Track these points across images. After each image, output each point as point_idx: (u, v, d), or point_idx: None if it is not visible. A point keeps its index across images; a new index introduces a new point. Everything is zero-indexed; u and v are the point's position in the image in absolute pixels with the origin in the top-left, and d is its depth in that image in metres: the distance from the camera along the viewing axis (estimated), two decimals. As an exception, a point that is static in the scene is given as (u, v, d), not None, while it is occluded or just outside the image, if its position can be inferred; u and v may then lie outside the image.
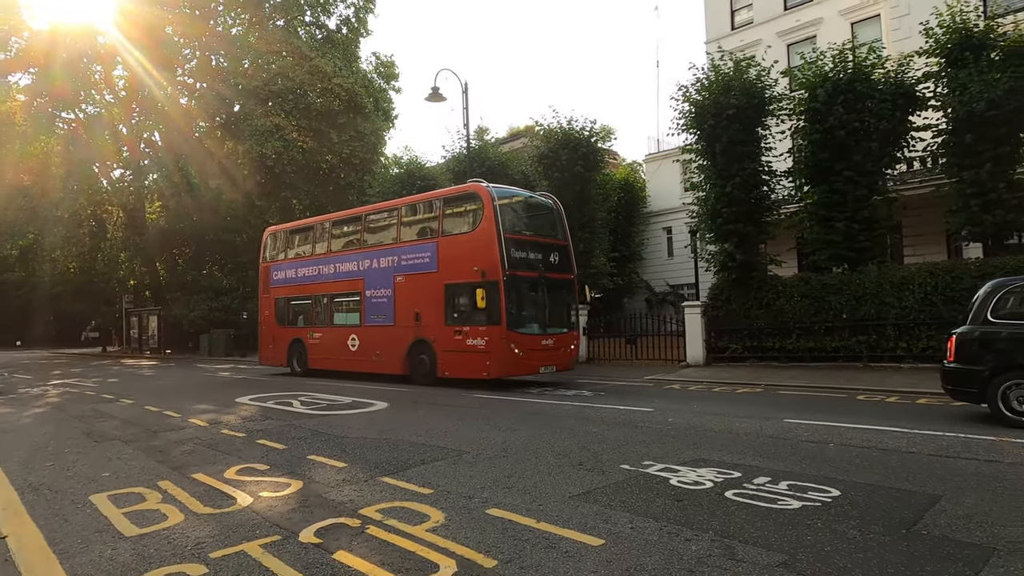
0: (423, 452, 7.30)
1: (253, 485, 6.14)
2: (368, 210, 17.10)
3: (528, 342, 13.19)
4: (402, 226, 15.32)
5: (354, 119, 32.82)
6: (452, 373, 13.58)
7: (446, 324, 13.67)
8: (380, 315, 15.25)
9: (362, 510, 5.20)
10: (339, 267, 16.53)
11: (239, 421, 10.06)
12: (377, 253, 15.52)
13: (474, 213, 13.63)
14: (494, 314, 12.71)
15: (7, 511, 5.71)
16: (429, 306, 14.04)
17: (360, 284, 15.75)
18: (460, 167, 21.42)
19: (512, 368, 13.03)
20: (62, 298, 44.82)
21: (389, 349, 14.95)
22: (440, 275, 13.81)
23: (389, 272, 14.96)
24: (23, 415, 12.10)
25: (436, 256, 14.00)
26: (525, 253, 13.48)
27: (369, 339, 15.55)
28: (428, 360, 14.11)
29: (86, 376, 20.98)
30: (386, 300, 15.03)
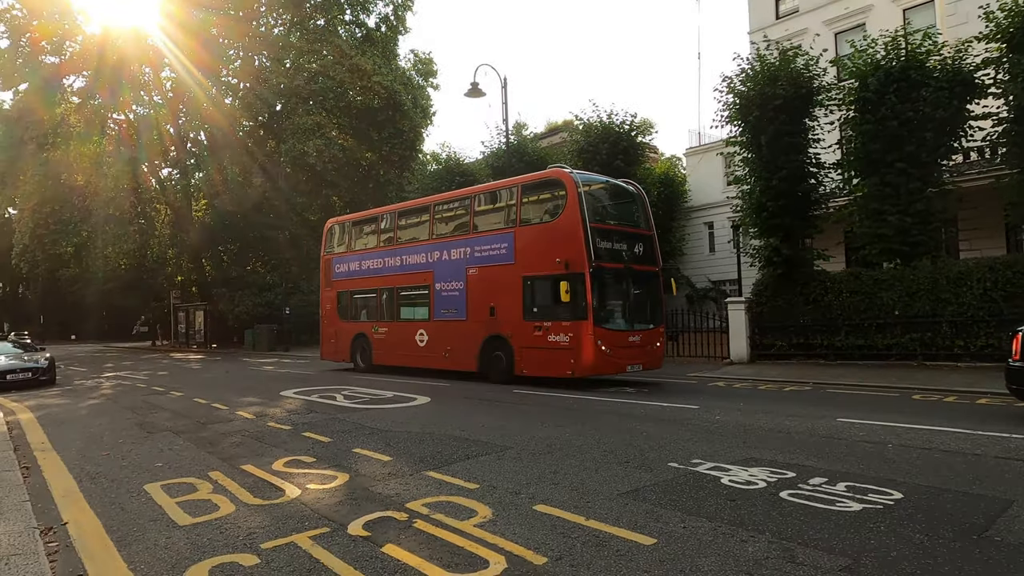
0: (467, 447, 7.28)
1: (301, 477, 6.20)
2: (438, 199, 16.29)
3: (615, 339, 12.36)
4: (475, 215, 14.60)
5: (393, 117, 33.11)
6: (531, 371, 12.85)
7: (524, 319, 12.94)
8: (451, 309, 14.59)
9: (409, 504, 5.19)
10: (406, 259, 15.90)
11: (284, 414, 10.21)
12: (448, 244, 14.84)
13: (556, 201, 12.92)
14: (579, 309, 11.94)
15: (67, 499, 5.88)
16: (505, 300, 13.31)
17: (429, 277, 15.11)
18: (499, 162, 21.40)
19: (599, 366, 12.22)
20: (113, 294, 46.37)
21: (461, 345, 14.30)
22: (517, 267, 13.11)
23: (461, 264, 14.29)
24: (79, 406, 12.52)
25: (513, 247, 13.26)
26: (610, 243, 12.71)
27: (439, 335, 14.91)
28: (504, 357, 13.40)
29: (137, 369, 21.63)
30: (457, 294, 14.40)
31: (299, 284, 32.43)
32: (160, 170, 38.20)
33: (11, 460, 7.13)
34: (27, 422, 10.56)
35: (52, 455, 7.83)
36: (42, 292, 57.43)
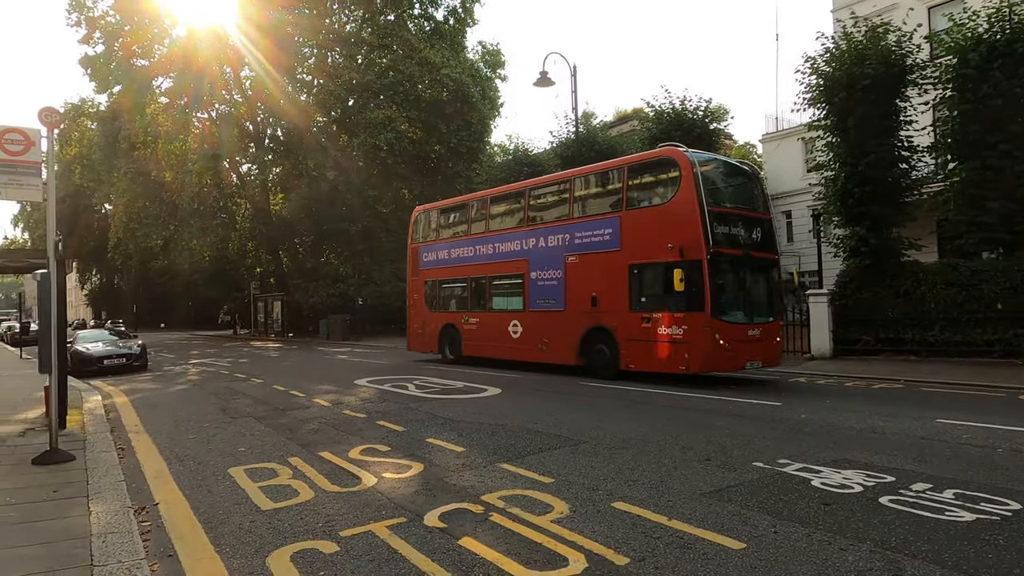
0: (540, 440, 7.18)
1: (376, 466, 6.25)
2: (533, 184, 15.47)
3: (734, 332, 11.39)
4: (575, 200, 13.73)
5: (461, 109, 33.30)
6: (639, 366, 12.03)
7: (631, 310, 12.06)
8: (548, 299, 13.87)
9: (484, 496, 5.13)
10: (499, 247, 15.19)
11: (359, 402, 10.40)
12: (544, 231, 14.08)
13: (668, 182, 12.04)
14: (695, 299, 11.03)
15: (158, 479, 6.13)
16: (609, 289, 12.50)
17: (524, 265, 14.38)
18: (568, 152, 21.14)
19: (716, 362, 11.35)
20: (198, 284, 48.86)
21: (559, 337, 13.56)
22: (623, 254, 12.24)
23: (559, 252, 13.54)
24: (168, 391, 13.18)
25: (619, 232, 12.39)
26: (728, 228, 11.72)
27: (534, 326, 14.21)
28: (608, 350, 12.59)
29: (220, 356, 22.64)
30: (555, 283, 13.66)
31: (371, 275, 33.17)
32: (240, 166, 39.81)
33: (108, 441, 7.52)
34: (122, 405, 11.19)
35: (144, 437, 8.23)
36: (134, 283, 61.17)
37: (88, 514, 4.78)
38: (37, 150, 6.66)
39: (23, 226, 69.17)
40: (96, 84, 36.32)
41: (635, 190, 12.82)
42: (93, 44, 35.61)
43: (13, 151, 6.53)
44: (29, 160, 6.60)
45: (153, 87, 36.21)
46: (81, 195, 52.49)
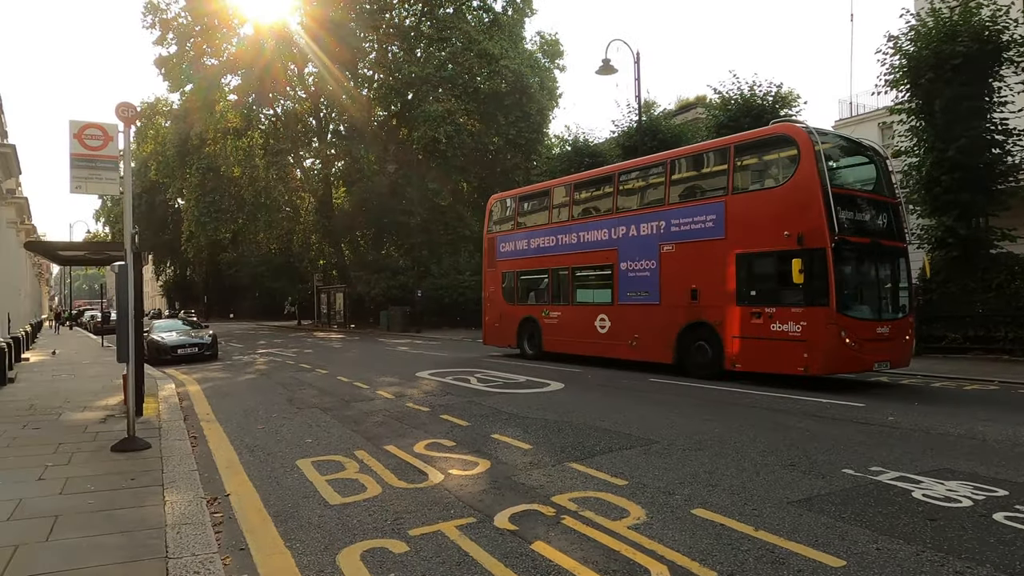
0: (609, 439, 6.93)
1: (442, 462, 6.14)
2: (623, 168, 14.38)
3: (862, 329, 10.28)
4: (671, 184, 12.73)
5: (520, 100, 33.11)
6: (747, 366, 11.08)
7: (738, 304, 11.13)
8: (640, 292, 12.97)
9: (555, 498, 4.94)
10: (584, 236, 14.36)
11: (422, 395, 10.37)
12: (636, 218, 13.15)
13: (784, 162, 11.12)
14: (818, 292, 10.02)
15: (229, 470, 6.19)
16: (711, 281, 11.62)
17: (612, 255, 13.50)
18: (630, 142, 20.64)
19: (841, 362, 10.27)
20: (265, 276, 50.48)
21: (652, 333, 12.68)
22: (729, 242, 11.28)
23: (653, 240, 12.63)
24: (237, 380, 13.52)
25: (723, 219, 11.39)
26: (853, 213, 10.65)
27: (624, 320, 13.30)
28: (709, 348, 11.68)
29: (285, 347, 23.23)
30: (648, 274, 12.75)
31: (429, 268, 33.44)
32: (304, 161, 40.77)
33: (182, 430, 7.69)
34: (194, 394, 11.51)
35: (215, 426, 8.39)
36: (205, 274, 63.73)
37: (163, 504, 4.82)
38: (115, 145, 6.81)
39: (104, 220, 72.88)
40: (169, 84, 37.77)
41: (743, 171, 11.77)
42: (167, 45, 37.06)
43: (93, 146, 6.70)
44: (107, 155, 6.77)
45: (222, 85, 37.41)
46: (156, 191, 54.95)
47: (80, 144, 6.62)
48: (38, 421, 8.24)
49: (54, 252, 10.10)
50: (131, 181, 6.88)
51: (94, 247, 10.76)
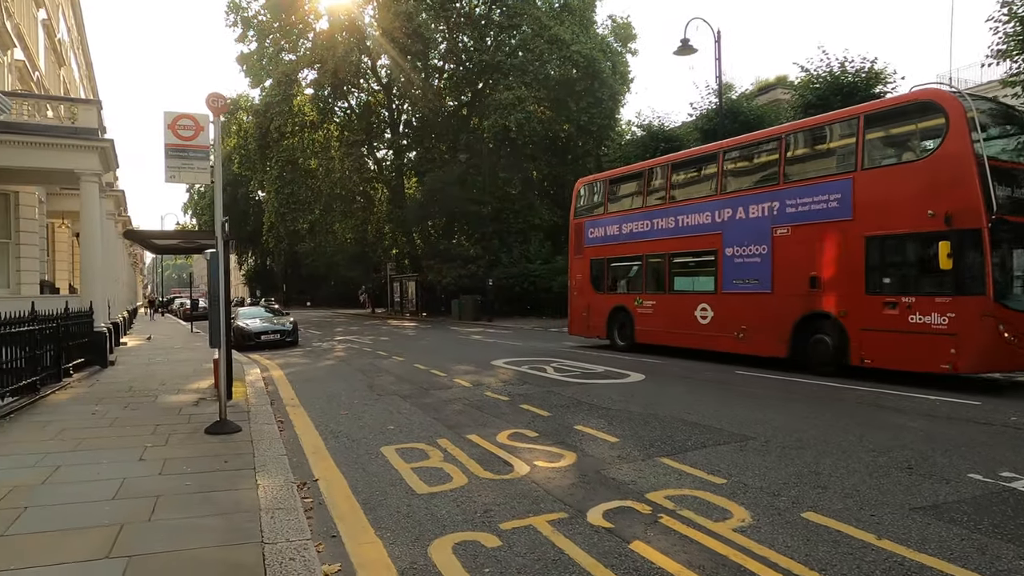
0: (700, 433, 6.60)
1: (527, 452, 5.99)
2: (728, 145, 13.21)
3: (1022, 322, 9.11)
4: (786, 162, 11.72)
5: (592, 86, 32.53)
6: (877, 362, 10.07)
7: (867, 292, 10.10)
8: (748, 279, 12.05)
9: (649, 495, 4.70)
10: (683, 220, 13.44)
11: (499, 384, 10.28)
12: (744, 199, 12.18)
13: (927, 132, 10.06)
14: (970, 279, 8.95)
15: (316, 455, 6.25)
16: (834, 267, 10.65)
17: (716, 240, 12.60)
18: (710, 125, 19.88)
19: (996, 359, 9.15)
20: (340, 265, 51.92)
21: (762, 324, 11.74)
22: (857, 224, 10.22)
23: (764, 223, 11.68)
24: (318, 366, 13.84)
25: (850, 198, 10.35)
26: (1011, 189, 9.45)
27: (729, 310, 12.40)
28: (831, 341, 10.67)
29: (361, 334, 23.74)
30: (758, 260, 11.81)
31: (499, 256, 33.45)
32: (377, 152, 41.52)
33: (269, 414, 7.86)
34: (279, 379, 11.84)
35: (300, 411, 8.55)
36: (284, 264, 66.15)
37: (256, 488, 4.87)
38: (206, 135, 6.96)
39: (191, 212, 76.72)
40: (250, 80, 39.16)
41: (876, 145, 10.65)
42: (247, 42, 38.43)
43: (185, 136, 6.86)
44: (199, 144, 6.92)
45: (299, 79, 38.50)
46: (239, 184, 57.32)
47: (174, 134, 6.80)
48: (137, 403, 8.62)
49: (150, 241, 10.60)
50: (221, 170, 7.01)
51: (187, 235, 11.19)
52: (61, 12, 27.74)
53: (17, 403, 8.11)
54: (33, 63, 19.92)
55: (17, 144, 12.25)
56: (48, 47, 23.98)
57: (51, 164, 12.68)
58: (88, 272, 13.50)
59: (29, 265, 15.26)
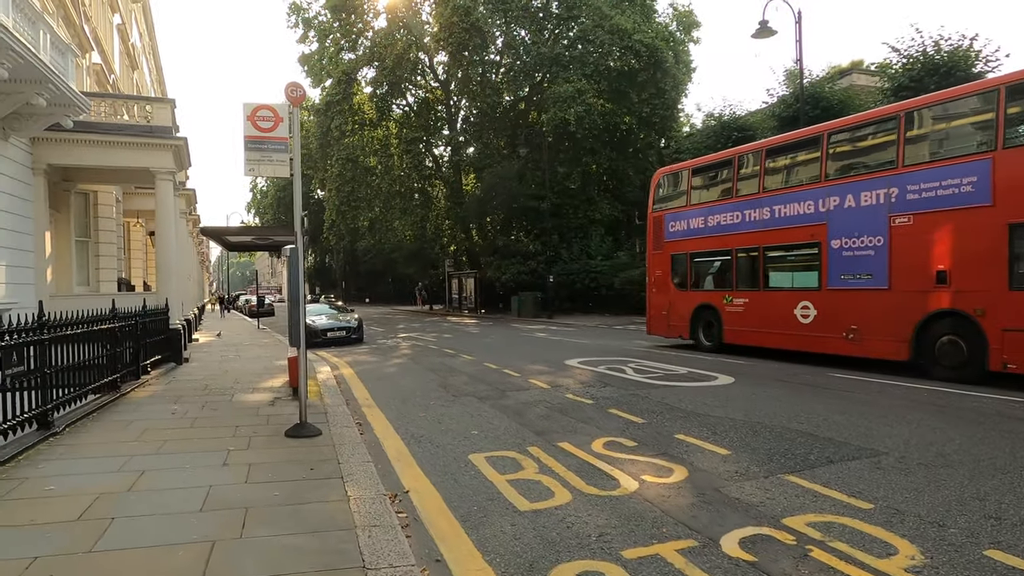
0: (821, 446, 5.94)
1: (629, 464, 5.48)
2: (836, 126, 12.07)
3: None
4: (906, 142, 10.57)
5: (654, 76, 31.57)
6: None
7: (1012, 288, 9.03)
8: (859, 274, 11.05)
9: (786, 520, 4.12)
10: (780, 210, 12.44)
11: (578, 386, 9.77)
12: (855, 186, 11.09)
13: None
14: None
15: (401, 462, 5.89)
16: (968, 260, 9.58)
17: (820, 231, 11.61)
18: (788, 111, 18.81)
19: None
20: (398, 262, 52.28)
21: (877, 324, 10.70)
22: (997, 210, 9.15)
23: (879, 211, 10.62)
24: (386, 364, 13.63)
25: (989, 180, 9.26)
26: None
27: (836, 308, 11.38)
28: (964, 344, 9.61)
29: (424, 331, 23.59)
30: (872, 253, 10.79)
31: (559, 252, 32.90)
32: (435, 148, 41.52)
33: (346, 415, 7.58)
34: (349, 377, 11.64)
35: (377, 412, 8.26)
36: (342, 261, 67.29)
37: (347, 500, 4.53)
38: (285, 126, 6.69)
39: (254, 211, 78.90)
40: (311, 79, 39.68)
41: (1020, 120, 9.50)
42: (308, 43, 38.93)
43: (264, 128, 6.61)
44: (277, 136, 6.66)
45: (358, 78, 38.80)
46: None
47: (253, 126, 6.55)
48: (215, 402, 8.49)
49: (224, 237, 10.57)
50: (300, 163, 6.73)
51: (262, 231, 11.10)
52: (134, 17, 28.61)
53: (99, 401, 8.08)
54: (109, 66, 20.48)
55: (96, 143, 12.44)
56: (122, 51, 24.72)
57: (128, 163, 12.84)
58: (163, 269, 13.66)
59: (107, 263, 15.61)
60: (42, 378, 6.41)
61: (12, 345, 5.65)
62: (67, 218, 14.13)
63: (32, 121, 10.70)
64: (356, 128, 38.74)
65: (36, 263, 11.75)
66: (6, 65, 8.46)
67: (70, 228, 14.20)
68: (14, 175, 10.96)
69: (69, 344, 7.23)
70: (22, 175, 11.34)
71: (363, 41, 38.36)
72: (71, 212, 14.28)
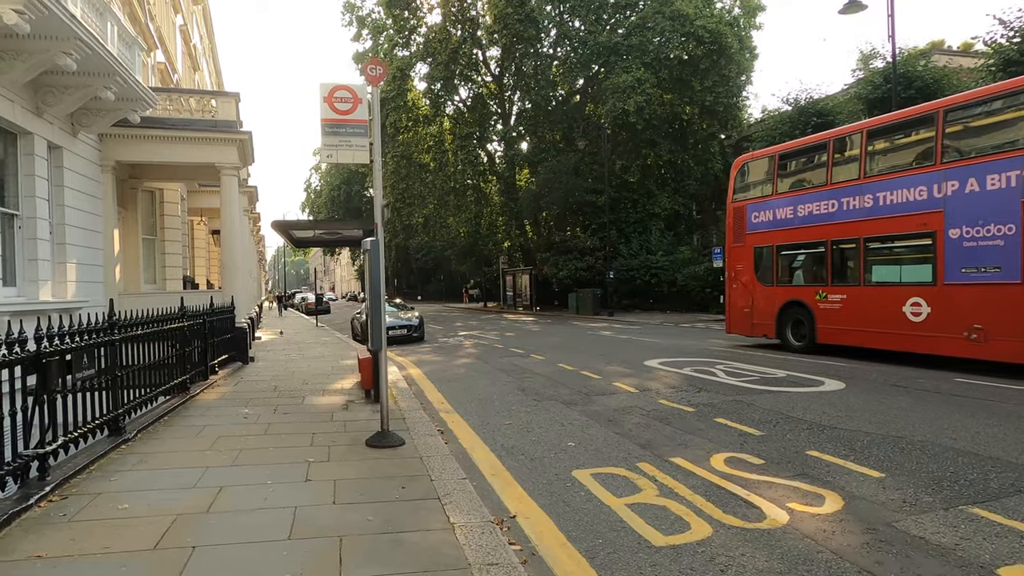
0: (997, 469, 5.02)
1: (765, 487, 4.71)
2: (952, 103, 10.65)
3: None
4: None
5: (718, 62, 30.24)
6: None
7: None
8: (983, 267, 9.93)
9: (1004, 571, 3.30)
10: (885, 197, 11.22)
11: (668, 390, 8.98)
12: (978, 168, 9.90)
13: None
14: None
15: (497, 478, 5.26)
16: None
17: (934, 219, 10.44)
18: (877, 93, 17.43)
19: None
20: (450, 259, 52.07)
21: (1008, 323, 9.52)
22: None
23: (1010, 196, 9.46)
24: (453, 364, 13.08)
25: None
26: None
27: (955, 305, 10.19)
28: None
29: (483, 329, 23.05)
30: (1001, 243, 9.63)
31: (618, 248, 31.93)
32: (488, 143, 40.99)
33: (427, 422, 7.00)
34: (418, 377, 11.12)
35: (457, 418, 7.67)
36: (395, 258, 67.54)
37: (451, 528, 3.92)
38: (364, 108, 6.14)
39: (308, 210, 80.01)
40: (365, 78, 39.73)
41: None
42: (362, 41, 38.98)
43: (342, 110, 6.07)
44: (356, 119, 6.11)
45: (411, 75, 38.58)
46: (354, 181, 58.98)
47: (330, 108, 6.03)
48: (286, 405, 8.06)
49: (290, 232, 10.16)
50: (380, 147, 6.16)
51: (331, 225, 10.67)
52: (195, 20, 28.98)
53: (170, 404, 7.73)
54: (172, 65, 20.60)
55: (162, 139, 12.27)
56: (184, 52, 24.97)
57: (193, 158, 12.64)
58: (229, 267, 13.44)
59: (173, 261, 15.56)
60: (113, 381, 6.03)
61: (83, 346, 5.25)
62: (134, 216, 14.08)
63: (100, 116, 10.53)
64: (411, 125, 38.53)
65: (105, 261, 11.63)
66: (74, 56, 8.20)
67: (137, 226, 14.14)
68: (84, 172, 10.82)
69: (139, 344, 6.87)
70: (91, 172, 11.21)
71: (416, 37, 38.13)
72: (138, 210, 14.23)
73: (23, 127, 8.86)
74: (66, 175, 10.09)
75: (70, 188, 10.20)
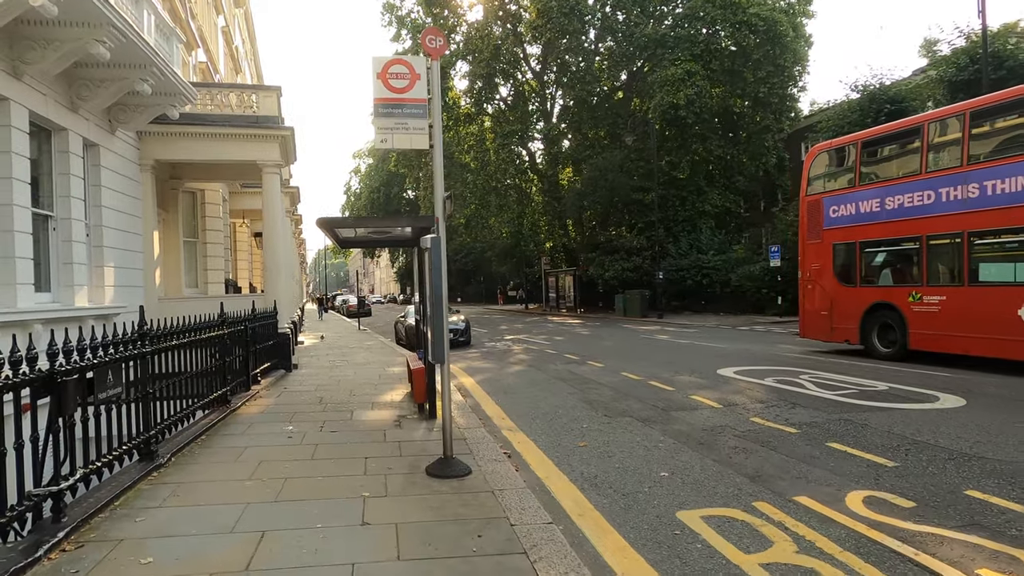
0: None
1: (935, 544, 3.72)
2: None
3: None
4: None
5: (771, 52, 28.88)
6: None
7: None
8: None
9: None
10: (995, 186, 10.02)
11: (757, 405, 7.97)
12: None
13: None
14: None
15: (586, 519, 4.39)
16: None
17: None
18: (961, 75, 16.00)
19: None
20: (490, 260, 51.36)
21: None
22: None
23: None
24: (506, 371, 12.24)
25: None
26: None
27: None
28: None
29: (530, 332, 22.18)
30: None
31: (667, 247, 30.73)
32: (530, 142, 40.14)
33: (492, 446, 6.14)
34: (472, 387, 10.31)
35: (523, 437, 6.82)
36: (435, 260, 67.18)
37: (551, 601, 3.05)
38: (422, 85, 5.34)
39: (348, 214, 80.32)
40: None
41: None
42: (401, 41, 38.52)
43: (398, 87, 5.28)
44: (414, 98, 5.31)
45: (451, 74, 37.99)
46: (393, 182, 58.79)
47: (384, 85, 5.24)
48: (333, 421, 7.32)
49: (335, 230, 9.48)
50: (441, 132, 5.34)
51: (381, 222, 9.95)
52: (237, 23, 28.86)
53: (208, 420, 7.06)
54: (214, 65, 20.30)
55: (202, 136, 11.77)
56: (226, 53, 24.76)
57: (234, 156, 12.10)
58: (271, 269, 12.88)
59: (215, 264, 15.10)
60: (144, 398, 5.35)
61: (106, 362, 4.55)
62: (175, 218, 13.64)
63: (138, 112, 10.01)
64: (452, 124, 37.95)
65: (145, 265, 11.14)
66: (107, 44, 7.62)
67: (178, 228, 13.70)
68: (122, 171, 10.32)
69: (175, 354, 6.20)
70: (130, 171, 10.72)
71: (456, 36, 37.54)
72: (179, 211, 13.79)
73: (57, 123, 8.36)
74: (103, 174, 9.59)
75: (108, 188, 9.70)
